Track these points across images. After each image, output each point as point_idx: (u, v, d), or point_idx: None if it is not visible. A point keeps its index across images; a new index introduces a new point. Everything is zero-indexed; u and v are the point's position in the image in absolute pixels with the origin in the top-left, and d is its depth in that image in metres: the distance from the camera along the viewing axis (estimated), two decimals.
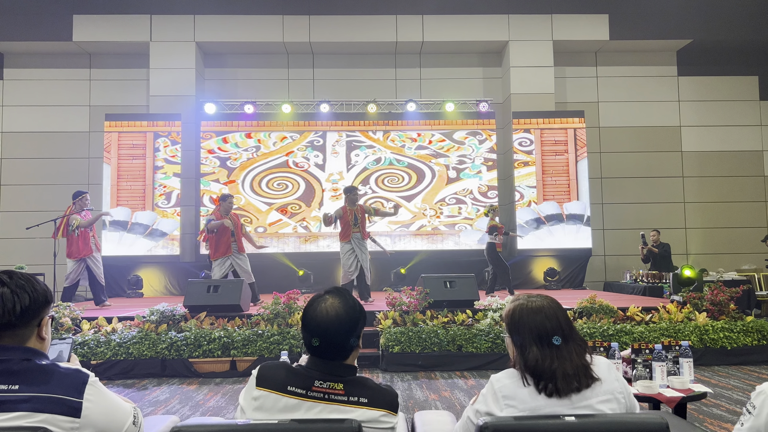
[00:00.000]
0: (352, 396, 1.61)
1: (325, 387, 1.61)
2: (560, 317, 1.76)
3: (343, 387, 1.61)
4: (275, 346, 5.82)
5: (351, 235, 7.93)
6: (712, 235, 11.63)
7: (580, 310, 6.43)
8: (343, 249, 7.97)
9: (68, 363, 1.82)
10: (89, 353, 5.73)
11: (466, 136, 11.45)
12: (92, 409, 1.41)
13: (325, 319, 1.65)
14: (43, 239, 10.22)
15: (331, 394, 1.60)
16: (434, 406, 4.56)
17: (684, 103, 11.84)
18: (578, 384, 1.66)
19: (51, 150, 11.28)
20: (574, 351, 1.72)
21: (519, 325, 1.75)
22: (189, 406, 4.69)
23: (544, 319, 1.74)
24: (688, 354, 3.06)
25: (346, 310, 1.68)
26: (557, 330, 1.72)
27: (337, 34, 11.19)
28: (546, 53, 11.27)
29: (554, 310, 1.77)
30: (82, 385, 1.42)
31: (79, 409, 1.39)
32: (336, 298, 1.69)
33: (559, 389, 1.64)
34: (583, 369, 1.69)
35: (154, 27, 11.08)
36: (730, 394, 4.75)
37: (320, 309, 1.67)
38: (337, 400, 1.60)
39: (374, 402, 1.61)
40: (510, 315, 1.80)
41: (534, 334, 1.71)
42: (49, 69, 11.46)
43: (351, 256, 7.91)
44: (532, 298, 1.81)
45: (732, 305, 6.36)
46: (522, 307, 1.78)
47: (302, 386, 1.61)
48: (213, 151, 11.23)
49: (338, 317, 1.65)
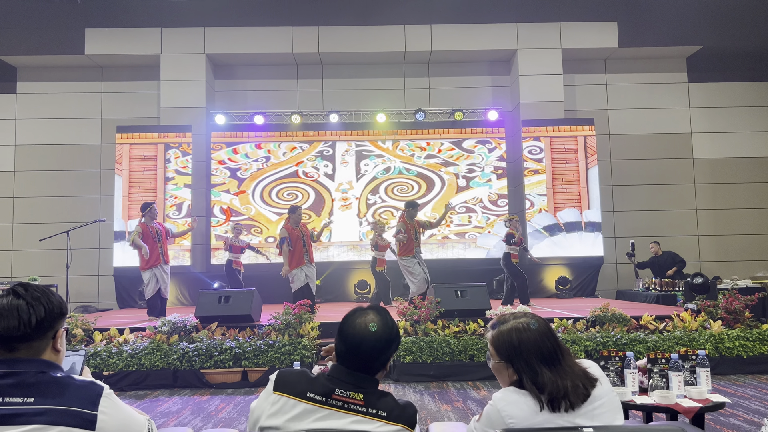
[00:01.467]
0: (371, 408, 1.59)
1: (346, 396, 1.59)
2: (550, 331, 1.72)
3: (363, 398, 1.60)
4: (286, 356, 5.81)
5: (414, 249, 8.05)
6: (725, 243, 11.52)
7: (593, 319, 6.37)
8: (410, 263, 8.04)
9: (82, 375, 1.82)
10: (101, 364, 5.74)
11: (476, 145, 11.44)
12: (107, 422, 1.41)
13: (362, 332, 1.66)
14: (56, 251, 10.30)
15: (350, 404, 1.59)
16: (447, 417, 4.52)
17: (695, 110, 11.77)
18: (586, 391, 1.64)
19: (63, 162, 11.39)
20: (571, 361, 1.70)
21: (521, 349, 1.67)
22: (201, 417, 4.68)
23: (542, 337, 1.68)
24: (705, 363, 3.02)
25: (384, 329, 1.68)
26: (555, 346, 1.69)
27: (346, 45, 11.25)
28: (555, 61, 11.26)
29: (543, 325, 1.72)
30: (97, 398, 1.42)
31: (94, 421, 1.39)
32: (377, 316, 1.70)
33: (573, 403, 1.62)
34: (584, 376, 1.67)
35: (165, 40, 11.19)
36: (747, 404, 4.68)
37: (360, 322, 1.68)
38: (356, 411, 1.58)
39: (393, 417, 1.60)
40: (505, 341, 1.71)
41: (538, 356, 1.66)
42: (61, 82, 11.59)
43: (419, 269, 8.01)
44: (519, 318, 1.74)
45: (747, 313, 6.28)
46: (517, 330, 1.71)
47: (322, 393, 1.60)
48: (223, 161, 11.30)
49: (375, 334, 1.66)
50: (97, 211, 11.16)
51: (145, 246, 7.57)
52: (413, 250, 8.03)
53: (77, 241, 10.15)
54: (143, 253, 7.54)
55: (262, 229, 11.11)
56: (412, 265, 8.02)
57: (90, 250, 11.09)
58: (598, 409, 1.64)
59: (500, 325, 1.75)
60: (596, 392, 1.66)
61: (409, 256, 8.03)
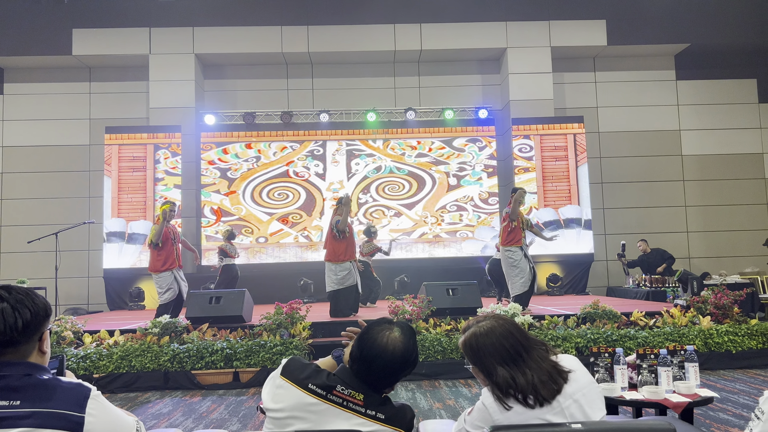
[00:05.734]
0: (370, 409, 1.59)
1: (346, 394, 1.59)
2: (514, 331, 1.75)
3: (363, 399, 1.60)
4: (278, 356, 5.79)
5: (522, 240, 6.92)
6: (713, 239, 11.61)
7: (583, 316, 6.40)
8: (516, 255, 6.90)
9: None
10: (91, 366, 5.71)
11: (466, 143, 11.46)
12: (95, 424, 1.39)
13: (381, 347, 1.63)
14: (45, 253, 10.23)
15: (350, 402, 1.59)
16: (439, 415, 4.53)
17: (683, 107, 11.85)
18: (557, 385, 1.67)
19: (52, 163, 11.30)
20: (539, 357, 1.73)
21: (480, 353, 1.73)
22: (192, 418, 4.66)
23: (500, 339, 1.73)
24: (694, 359, 3.04)
25: (404, 352, 1.65)
26: (516, 345, 1.72)
27: (336, 44, 11.23)
28: (544, 59, 11.30)
29: (505, 326, 1.76)
30: (84, 400, 1.41)
31: (81, 423, 1.37)
32: (402, 336, 1.67)
33: (545, 397, 1.65)
34: (554, 369, 1.71)
35: (154, 40, 11.13)
36: (736, 399, 4.72)
37: (382, 336, 1.65)
38: (355, 410, 1.58)
39: (391, 420, 1.59)
40: (468, 346, 1.76)
41: (496, 357, 1.71)
42: (49, 83, 11.50)
43: (526, 264, 6.89)
44: (481, 323, 1.79)
45: (736, 308, 6.33)
46: (475, 335, 1.76)
47: (324, 387, 1.60)
48: (213, 162, 11.25)
49: (393, 353, 1.63)
50: (87, 212, 11.08)
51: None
52: (521, 240, 6.89)
53: (66, 243, 10.09)
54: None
55: (253, 229, 11.07)
56: (517, 259, 6.88)
57: (79, 251, 11.01)
58: (573, 404, 1.67)
59: (465, 331, 1.81)
60: (569, 386, 1.68)
61: (516, 246, 6.90)
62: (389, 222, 11.21)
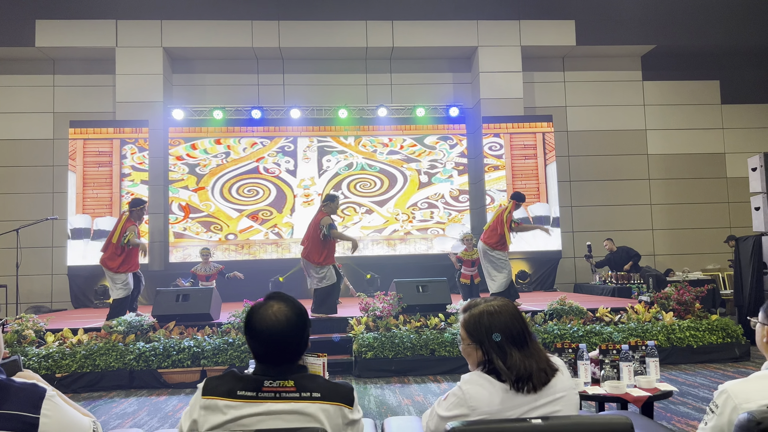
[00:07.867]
0: (304, 392, 1.57)
1: (276, 386, 1.57)
2: (520, 315, 1.79)
3: (294, 384, 1.58)
4: (246, 354, 5.75)
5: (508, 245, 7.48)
6: (677, 236, 11.89)
7: (550, 312, 6.49)
8: (503, 257, 7.45)
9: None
10: (54, 366, 5.58)
11: (437, 141, 11.51)
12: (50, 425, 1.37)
13: (275, 325, 1.61)
14: (5, 249, 9.96)
15: (282, 392, 1.57)
16: (407, 412, 4.55)
17: (649, 107, 12.10)
18: (547, 376, 1.71)
19: (14, 158, 10.99)
20: (537, 346, 1.77)
21: (490, 330, 1.73)
22: (158, 417, 4.59)
23: (512, 320, 1.75)
24: (654, 353, 3.11)
25: (296, 313, 1.65)
26: (524, 329, 1.75)
27: (307, 40, 11.15)
28: (514, 59, 11.41)
29: (515, 309, 1.79)
30: (39, 400, 1.38)
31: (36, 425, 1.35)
32: (281, 303, 1.66)
33: (535, 385, 1.68)
34: (547, 361, 1.75)
35: (120, 32, 10.90)
36: (696, 392, 4.84)
37: (267, 315, 1.62)
38: (289, 398, 1.56)
39: (328, 396, 1.59)
40: (476, 322, 1.77)
41: (508, 336, 1.72)
42: (11, 75, 11.17)
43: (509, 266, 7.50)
44: (490, 302, 1.80)
45: (697, 304, 6.50)
46: (487, 312, 1.77)
47: (252, 389, 1.57)
48: (182, 157, 11.08)
49: (288, 321, 1.62)
50: (50, 208, 10.81)
51: (143, 242, 6.92)
52: (507, 246, 7.46)
53: (29, 240, 9.83)
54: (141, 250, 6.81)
55: (222, 226, 10.94)
56: (506, 259, 7.45)
57: (43, 248, 10.74)
58: (558, 402, 1.69)
59: (472, 308, 1.81)
60: (556, 381, 1.72)
61: (505, 250, 7.43)
62: (361, 219, 11.19)
